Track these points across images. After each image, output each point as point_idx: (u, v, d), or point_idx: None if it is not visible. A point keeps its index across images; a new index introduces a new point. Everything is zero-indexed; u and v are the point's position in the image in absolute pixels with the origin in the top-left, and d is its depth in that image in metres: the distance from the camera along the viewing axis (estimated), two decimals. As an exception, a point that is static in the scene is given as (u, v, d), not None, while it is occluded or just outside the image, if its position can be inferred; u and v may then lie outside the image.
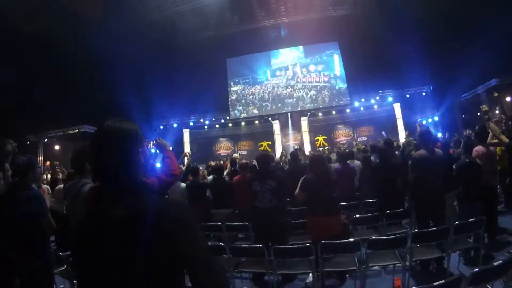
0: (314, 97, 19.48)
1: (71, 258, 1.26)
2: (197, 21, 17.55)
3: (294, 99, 19.76)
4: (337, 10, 17.99)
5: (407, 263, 3.68)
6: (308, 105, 19.58)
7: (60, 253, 3.86)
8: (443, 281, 2.22)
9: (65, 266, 3.89)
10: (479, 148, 5.09)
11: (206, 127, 21.42)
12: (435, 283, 2.20)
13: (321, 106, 19.56)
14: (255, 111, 20.27)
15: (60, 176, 7.68)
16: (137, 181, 1.22)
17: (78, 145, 16.70)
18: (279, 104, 19.95)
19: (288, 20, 19.08)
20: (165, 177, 2.41)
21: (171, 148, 2.77)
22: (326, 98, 19.35)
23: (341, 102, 19.32)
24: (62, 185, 6.54)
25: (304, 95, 19.58)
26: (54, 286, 3.62)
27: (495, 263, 2.50)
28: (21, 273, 2.97)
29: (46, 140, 16.47)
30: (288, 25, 19.63)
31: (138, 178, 1.24)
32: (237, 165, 7.37)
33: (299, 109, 19.76)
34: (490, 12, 10.91)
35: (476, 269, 2.42)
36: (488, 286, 2.63)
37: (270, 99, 20.06)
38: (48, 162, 11.92)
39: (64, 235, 3.95)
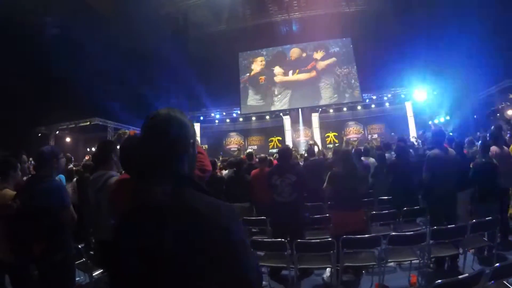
0: (325, 92, 19.48)
1: (110, 250, 1.20)
2: (209, 14, 17.68)
3: (305, 95, 19.78)
4: (350, 6, 17.96)
5: (425, 260, 3.80)
6: (322, 100, 19.62)
7: (79, 246, 3.84)
8: (467, 274, 2.35)
9: (83, 259, 3.85)
10: (493, 149, 5.14)
11: (216, 121, 21.59)
12: (459, 277, 2.33)
13: (332, 103, 19.61)
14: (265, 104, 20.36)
15: (73, 168, 7.71)
16: (189, 174, 1.21)
17: (89, 137, 17.05)
18: (291, 99, 20.00)
19: (301, 15, 19.11)
20: (199, 173, 2.35)
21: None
22: (335, 95, 19.36)
23: (352, 99, 19.34)
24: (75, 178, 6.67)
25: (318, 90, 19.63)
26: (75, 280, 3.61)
27: (513, 261, 2.62)
28: (43, 265, 2.96)
29: (57, 132, 16.67)
30: (300, 20, 19.64)
31: (191, 171, 1.23)
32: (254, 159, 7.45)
33: (312, 104, 19.81)
34: (506, 12, 10.83)
35: (497, 265, 2.54)
36: (504, 282, 2.74)
37: (282, 93, 20.08)
38: (61, 154, 12.07)
39: (78, 227, 4.01)
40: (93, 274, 3.82)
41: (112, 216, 2.28)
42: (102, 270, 3.82)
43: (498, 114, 12.79)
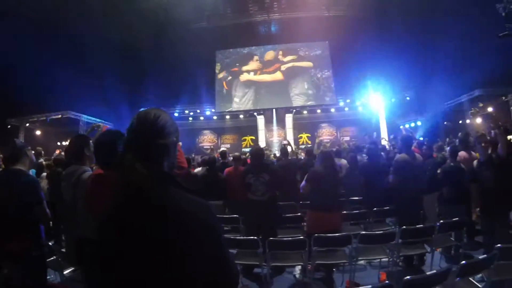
0: (300, 93, 19.68)
1: (91, 248, 1.25)
2: (190, 11, 17.47)
3: (279, 95, 19.91)
4: (330, 10, 18.23)
5: (394, 258, 3.90)
6: (296, 102, 19.77)
7: (49, 243, 3.71)
8: (434, 271, 2.41)
9: (54, 256, 3.67)
10: (462, 154, 5.37)
11: (190, 118, 21.31)
12: (427, 273, 2.39)
13: (308, 105, 19.82)
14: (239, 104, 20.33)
15: (44, 162, 7.42)
16: (171, 172, 1.24)
17: (61, 131, 16.48)
18: (265, 99, 20.08)
19: (280, 17, 19.22)
20: (176, 170, 2.40)
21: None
22: (311, 96, 19.58)
23: (327, 99, 19.63)
24: (45, 173, 6.42)
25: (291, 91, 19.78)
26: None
27: (480, 257, 2.71)
28: (18, 263, 2.81)
29: (28, 124, 16.06)
30: (280, 21, 19.77)
31: (172, 168, 1.26)
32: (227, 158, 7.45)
33: (286, 105, 19.96)
34: (481, 22, 11.29)
35: (463, 262, 2.62)
36: (471, 279, 2.85)
37: (256, 93, 20.14)
38: (30, 148, 11.60)
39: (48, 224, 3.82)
40: (64, 273, 3.66)
41: (91, 213, 2.20)
42: (73, 268, 3.67)
43: (468, 121, 13.34)
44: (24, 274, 2.82)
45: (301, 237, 3.90)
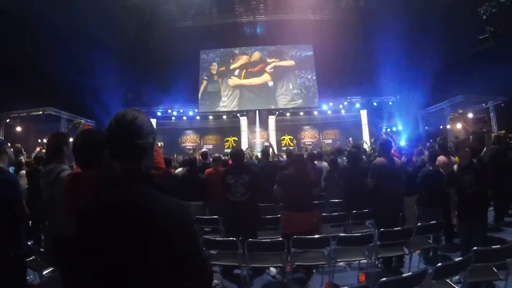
0: (285, 94, 19.74)
1: (67, 247, 1.27)
2: (176, 9, 17.33)
3: (263, 97, 19.90)
4: (316, 14, 18.36)
5: (372, 260, 3.91)
6: (282, 99, 19.78)
7: (28, 243, 3.62)
8: (410, 273, 2.41)
9: (33, 256, 3.63)
10: (441, 158, 5.43)
11: (173, 118, 21.06)
12: (403, 275, 2.39)
13: (290, 106, 19.87)
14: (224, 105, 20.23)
15: (23, 160, 7.23)
16: (148, 172, 1.25)
17: (42, 127, 16.05)
18: (248, 100, 20.02)
19: (266, 19, 19.26)
20: (154, 171, 2.40)
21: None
22: (296, 97, 19.66)
23: (309, 104, 19.70)
24: (24, 171, 6.27)
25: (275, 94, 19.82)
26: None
27: (456, 259, 2.74)
28: None
29: (8, 120, 15.55)
30: (265, 23, 19.81)
31: (150, 169, 1.27)
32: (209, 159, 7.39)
33: (270, 107, 19.94)
34: (463, 30, 11.55)
35: (439, 264, 2.64)
36: (448, 280, 2.87)
37: (240, 94, 20.06)
38: (9, 145, 11.24)
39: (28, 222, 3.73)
40: (44, 273, 3.59)
41: (67, 213, 2.16)
42: (52, 269, 3.60)
43: (448, 126, 13.60)
44: (2, 274, 2.78)
45: (280, 239, 3.89)
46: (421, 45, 14.18)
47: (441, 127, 13.41)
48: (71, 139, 2.99)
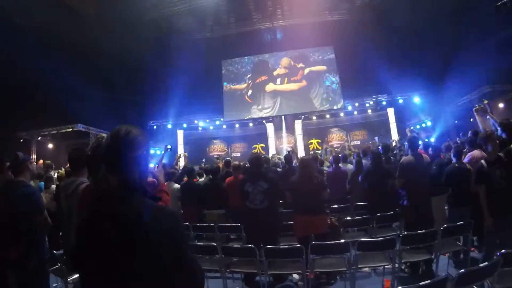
0: (315, 100, 19.56)
1: (72, 254, 1.37)
2: (193, 21, 17.64)
3: (300, 102, 19.78)
4: (333, 15, 18.16)
5: (396, 265, 3.73)
6: (315, 103, 19.60)
7: (54, 251, 3.80)
8: (429, 281, 2.26)
9: (58, 264, 3.85)
10: (475, 153, 4.98)
11: (200, 128, 21.36)
12: (421, 283, 2.24)
13: (315, 110, 19.65)
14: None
15: (53, 174, 7.59)
16: (143, 184, 1.32)
17: (72, 143, 16.70)
18: (274, 106, 19.95)
19: (284, 24, 19.21)
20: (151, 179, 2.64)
21: (169, 147, 2.97)
22: (323, 102, 19.44)
23: (335, 106, 19.39)
24: (54, 185, 6.51)
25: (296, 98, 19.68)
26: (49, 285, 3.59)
27: (481, 265, 2.55)
28: (18, 270, 2.93)
29: (39, 138, 16.31)
30: (284, 28, 19.75)
31: (145, 181, 1.35)
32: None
33: (293, 111, 19.79)
34: (484, 19, 11.07)
35: (462, 270, 2.46)
36: (474, 287, 2.67)
37: (279, 101, 20.01)
38: (41, 161, 11.77)
39: (55, 233, 3.92)
40: (68, 280, 3.79)
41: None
42: (77, 275, 3.72)
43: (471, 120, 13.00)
44: (23, 282, 2.92)
45: (298, 245, 3.79)
46: (444, 36, 13.68)
47: (471, 120, 12.74)
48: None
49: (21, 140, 15.50)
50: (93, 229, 1.24)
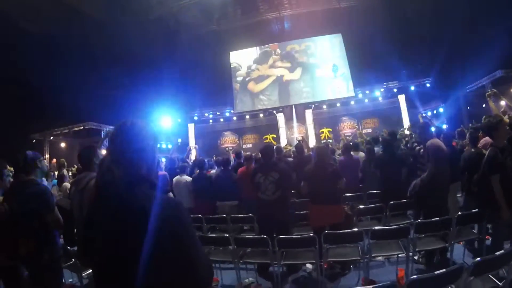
0: (318, 88, 19.40)
1: (78, 248, 1.47)
2: (200, 15, 17.56)
3: (298, 91, 19.67)
4: (341, 2, 17.90)
5: (410, 254, 3.71)
6: (319, 96, 19.50)
7: (68, 247, 3.90)
8: (444, 270, 2.24)
9: (73, 260, 3.93)
10: (486, 139, 4.71)
11: (210, 121, 21.46)
12: (436, 272, 2.23)
13: (327, 99, 19.54)
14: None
15: (66, 173, 7.71)
16: (151, 176, 1.33)
17: (84, 141, 16.96)
18: (284, 96, 19.86)
19: (292, 13, 19.02)
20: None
21: (179, 141, 2.91)
22: (330, 89, 19.27)
23: (345, 95, 19.21)
24: (67, 183, 6.61)
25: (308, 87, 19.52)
26: (63, 280, 3.71)
27: (497, 253, 2.50)
28: (31, 266, 3.03)
29: (51, 138, 16.56)
30: (291, 17, 19.56)
31: (153, 172, 1.37)
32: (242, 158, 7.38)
33: (303, 101, 19.69)
34: (495, 4, 10.79)
35: (478, 259, 2.43)
36: (490, 275, 2.64)
37: (275, 91, 19.95)
38: (54, 160, 11.98)
39: (70, 230, 3.99)
40: (83, 274, 3.87)
41: None
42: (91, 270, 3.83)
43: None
44: (35, 277, 3.03)
45: (311, 234, 3.79)
46: (454, 22, 13.36)
47: (483, 105, 12.48)
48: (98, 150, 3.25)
49: (34, 141, 15.77)
50: (96, 222, 1.26)
